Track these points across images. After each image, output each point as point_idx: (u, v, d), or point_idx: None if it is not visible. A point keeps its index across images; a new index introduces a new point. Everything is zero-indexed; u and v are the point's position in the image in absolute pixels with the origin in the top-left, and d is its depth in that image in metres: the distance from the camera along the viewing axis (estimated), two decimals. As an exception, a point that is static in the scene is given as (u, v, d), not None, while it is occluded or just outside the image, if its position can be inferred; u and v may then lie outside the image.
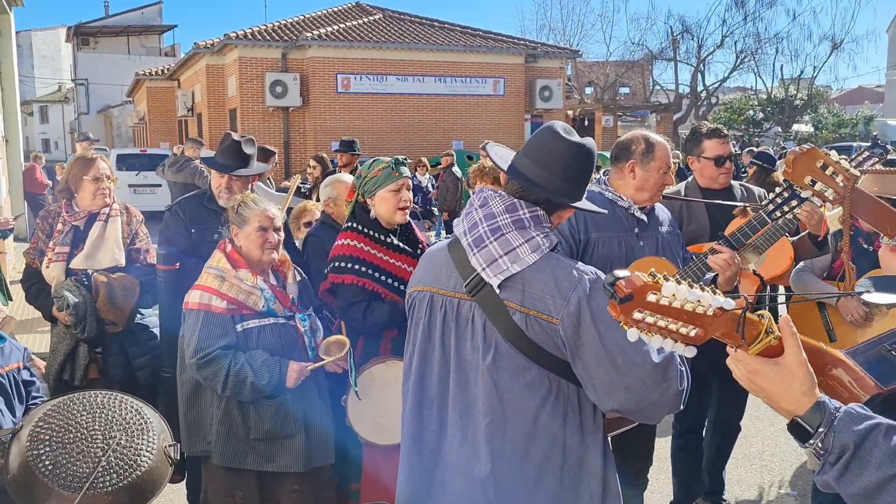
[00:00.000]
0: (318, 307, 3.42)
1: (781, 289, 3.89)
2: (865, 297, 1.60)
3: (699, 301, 1.25)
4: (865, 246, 3.84)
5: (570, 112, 29.31)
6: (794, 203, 2.98)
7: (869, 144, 3.62)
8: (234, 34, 22.65)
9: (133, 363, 3.78)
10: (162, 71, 32.18)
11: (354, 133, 21.72)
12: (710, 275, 3.14)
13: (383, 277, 3.31)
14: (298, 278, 3.34)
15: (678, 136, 31.42)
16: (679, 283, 1.25)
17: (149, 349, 3.84)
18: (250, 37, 22.71)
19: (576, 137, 2.10)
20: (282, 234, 3.23)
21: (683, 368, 1.92)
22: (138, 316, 3.85)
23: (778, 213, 3.07)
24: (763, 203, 3.21)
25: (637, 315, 1.26)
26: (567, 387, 2.01)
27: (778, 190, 3.16)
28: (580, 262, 2.04)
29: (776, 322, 1.39)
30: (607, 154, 3.92)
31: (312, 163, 8.48)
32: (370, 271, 3.30)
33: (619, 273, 1.28)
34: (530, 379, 2.00)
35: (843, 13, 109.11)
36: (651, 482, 3.78)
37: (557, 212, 2.13)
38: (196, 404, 3.17)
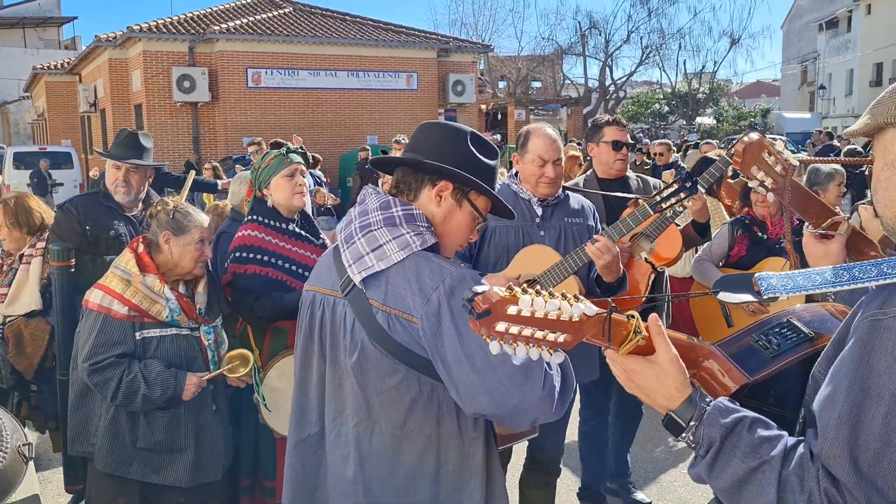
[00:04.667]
0: (228, 315, 3.34)
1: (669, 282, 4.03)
2: (720, 296, 1.64)
3: (560, 309, 1.26)
4: None
5: (483, 106, 29.57)
6: (682, 196, 3.12)
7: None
8: (138, 27, 21.93)
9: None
10: (62, 65, 30.87)
11: (266, 129, 21.40)
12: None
13: (287, 265, 3.33)
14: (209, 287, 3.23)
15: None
16: (539, 293, 1.26)
17: None
18: (155, 30, 22.02)
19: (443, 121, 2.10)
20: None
21: (555, 373, 1.84)
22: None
23: (664, 205, 3.20)
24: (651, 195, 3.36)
25: (500, 327, 1.26)
26: (442, 390, 1.92)
27: (669, 181, 3.31)
28: (451, 261, 1.96)
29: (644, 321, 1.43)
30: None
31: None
32: (273, 260, 3.31)
33: (478, 289, 1.28)
34: (397, 381, 1.92)
35: (740, 10, 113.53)
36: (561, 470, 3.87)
37: (447, 191, 2.00)
38: (84, 404, 3.06)
